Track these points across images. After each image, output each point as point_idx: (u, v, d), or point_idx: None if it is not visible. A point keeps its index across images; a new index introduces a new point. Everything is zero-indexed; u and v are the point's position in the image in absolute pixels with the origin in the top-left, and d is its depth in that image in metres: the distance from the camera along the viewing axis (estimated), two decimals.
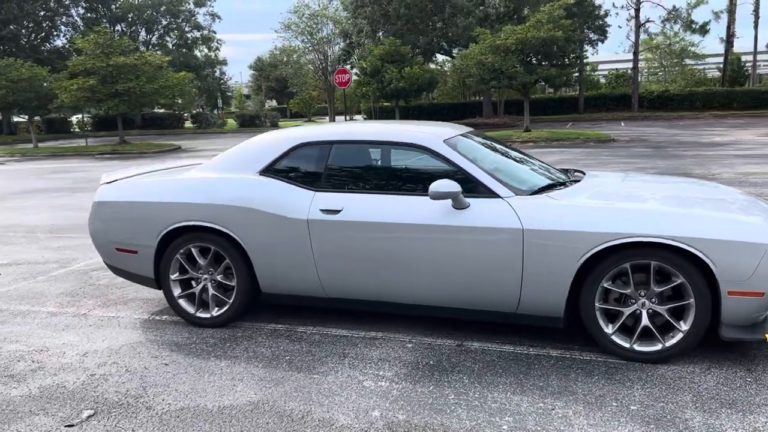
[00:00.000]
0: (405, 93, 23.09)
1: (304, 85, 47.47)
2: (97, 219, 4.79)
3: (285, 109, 58.47)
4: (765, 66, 42.72)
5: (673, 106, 34.83)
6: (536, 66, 20.97)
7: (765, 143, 18.02)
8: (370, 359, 3.89)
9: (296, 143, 4.41)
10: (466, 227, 3.83)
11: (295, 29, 41.95)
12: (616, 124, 30.47)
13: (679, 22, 31.71)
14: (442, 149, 4.08)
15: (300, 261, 4.24)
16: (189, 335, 4.42)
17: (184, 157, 23.00)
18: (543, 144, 20.86)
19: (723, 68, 36.74)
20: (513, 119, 32.93)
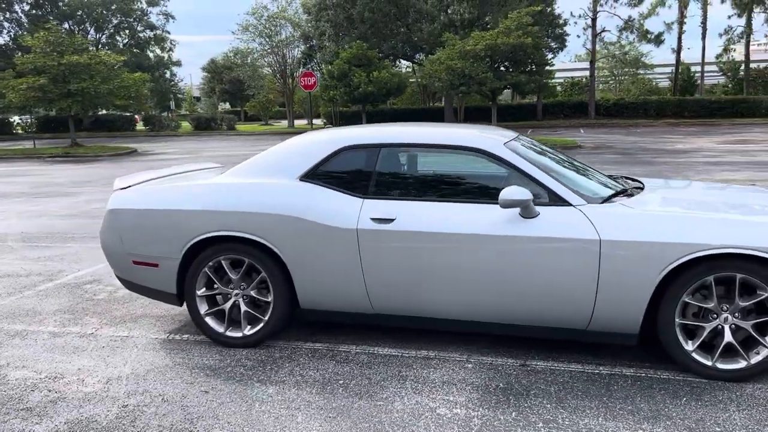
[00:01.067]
0: (374, 97, 22.83)
1: (261, 88, 46.62)
2: (111, 229, 4.32)
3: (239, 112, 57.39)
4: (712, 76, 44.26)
5: (628, 114, 35.65)
6: (505, 72, 21.02)
7: (727, 150, 18.49)
8: (433, 382, 3.58)
9: (341, 146, 4.07)
10: (536, 238, 3.56)
11: (253, 31, 41.15)
12: (575, 130, 30.92)
13: (635, 32, 32.54)
14: (504, 153, 3.81)
15: (346, 274, 3.89)
16: (220, 357, 4.01)
17: (143, 160, 22.12)
18: None
19: (674, 78, 37.84)
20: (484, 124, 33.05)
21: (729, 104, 34.18)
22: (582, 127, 33.61)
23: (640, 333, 3.61)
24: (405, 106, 38.39)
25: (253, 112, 49.26)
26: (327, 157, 4.05)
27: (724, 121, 33.14)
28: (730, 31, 35.90)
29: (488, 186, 3.90)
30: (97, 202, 11.30)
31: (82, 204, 11.11)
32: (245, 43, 43.50)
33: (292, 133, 37.48)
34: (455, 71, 20.74)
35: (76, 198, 12.01)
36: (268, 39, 41.61)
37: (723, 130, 28.33)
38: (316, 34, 34.04)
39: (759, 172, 13.23)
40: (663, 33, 33.34)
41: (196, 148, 27.79)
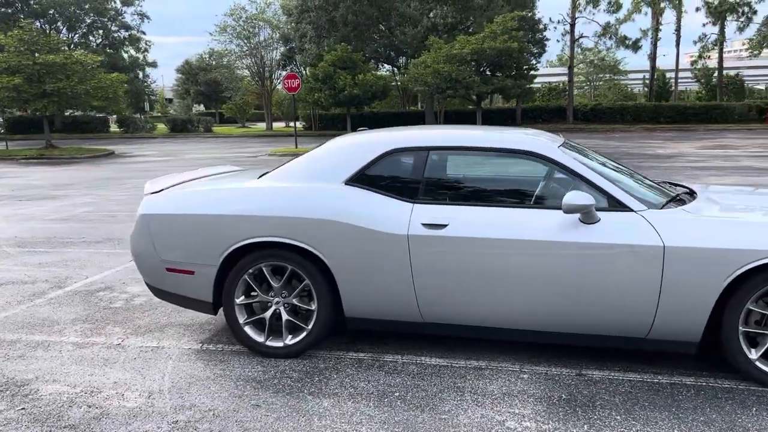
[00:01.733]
0: (359, 100, 22.69)
1: (239, 90, 46.12)
2: (143, 234, 4.12)
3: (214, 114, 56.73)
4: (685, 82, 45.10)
5: (606, 119, 36.10)
6: (491, 77, 21.07)
7: (709, 155, 18.79)
8: (493, 394, 3.46)
9: (388, 149, 3.94)
10: (598, 244, 3.48)
11: (231, 32, 40.67)
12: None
13: (613, 38, 32.99)
14: (561, 157, 3.72)
15: (396, 281, 3.76)
16: (263, 368, 3.85)
17: (123, 162, 21.66)
18: None
19: (650, 84, 38.45)
20: None
21: (703, 110, 34.84)
22: (560, 131, 33.68)
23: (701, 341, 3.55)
24: (385, 110, 38.32)
25: (230, 114, 48.70)
26: (373, 160, 3.92)
27: (699, 126, 33.77)
28: (704, 39, 36.67)
29: (543, 191, 3.81)
30: (84, 205, 10.96)
31: (69, 207, 10.77)
32: (223, 45, 42.96)
33: (270, 136, 37.14)
34: (442, 75, 20.72)
35: (61, 201, 11.65)
36: (246, 40, 41.16)
37: (699, 135, 28.84)
38: (297, 36, 33.79)
39: (746, 177, 13.42)
40: (641, 39, 33.96)
41: (175, 150, 27.36)
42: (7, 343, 4.33)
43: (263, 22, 40.30)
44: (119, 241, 7.68)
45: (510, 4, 30.66)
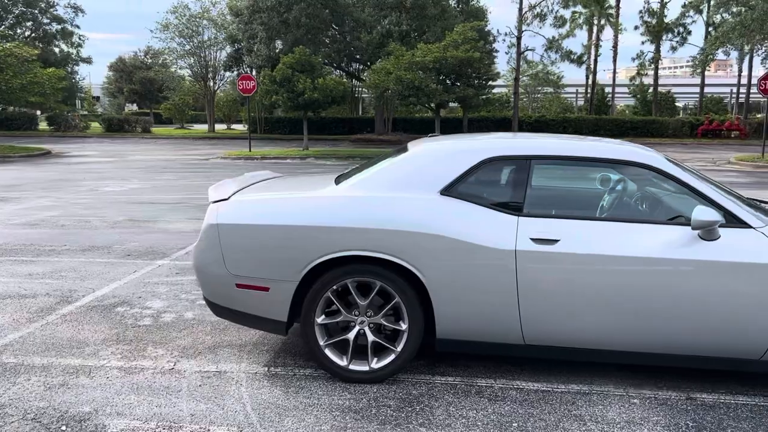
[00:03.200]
0: (318, 104, 22.24)
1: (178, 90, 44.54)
2: (211, 246, 3.69)
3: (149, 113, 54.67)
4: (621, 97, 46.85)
5: (549, 130, 36.91)
6: (452, 86, 21.12)
7: None
8: (615, 422, 3.25)
9: (485, 157, 3.68)
10: (722, 262, 3.33)
11: (173, 30, 39.24)
12: None
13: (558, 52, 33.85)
14: (674, 170, 3.57)
15: (499, 300, 3.50)
16: (352, 396, 3.50)
17: (65, 163, 20.39)
18: None
19: (590, 98, 39.73)
20: (406, 137, 33.10)
21: (641, 124, 36.22)
22: None
23: None
24: (331, 115, 37.91)
25: (168, 114, 46.96)
26: (471, 169, 3.65)
27: (637, 140, 34.99)
28: (642, 56, 38.22)
29: (654, 204, 3.64)
30: (46, 209, 10.12)
31: (30, 211, 9.91)
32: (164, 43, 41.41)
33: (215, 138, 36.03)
34: (404, 82, 20.59)
35: (17, 204, 10.72)
36: (189, 39, 39.85)
37: None
38: (245, 37, 32.95)
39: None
40: (584, 54, 35.01)
41: (118, 151, 26.03)
42: (40, 369, 3.80)
43: (207, 21, 39.13)
44: (108, 250, 7.06)
45: (463, 14, 30.97)
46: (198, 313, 4.90)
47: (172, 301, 5.18)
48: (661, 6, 36.81)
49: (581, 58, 34.55)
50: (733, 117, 37.60)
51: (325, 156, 22.42)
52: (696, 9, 33.92)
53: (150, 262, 6.53)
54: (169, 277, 5.92)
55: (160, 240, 7.63)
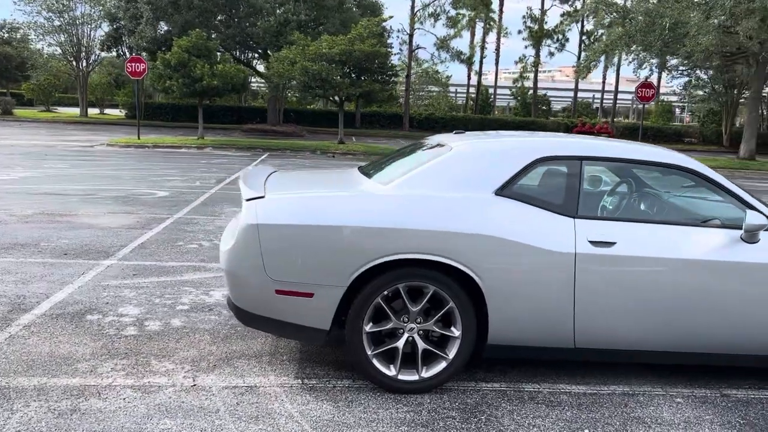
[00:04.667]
0: (217, 91, 21.18)
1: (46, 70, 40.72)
2: (249, 249, 3.31)
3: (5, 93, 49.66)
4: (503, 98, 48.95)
5: (438, 128, 37.82)
6: (358, 79, 20.97)
7: None
8: (674, 423, 3.29)
9: (537, 156, 3.59)
10: (764, 264, 3.48)
11: (40, 3, 35.77)
12: (395, 141, 31.94)
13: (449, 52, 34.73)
14: (711, 174, 3.67)
15: (555, 304, 3.44)
16: (410, 408, 3.28)
17: None
18: (362, 157, 20.86)
19: (476, 98, 41.22)
20: (301, 128, 32.55)
21: (523, 125, 38.08)
22: (399, 138, 34.87)
23: None
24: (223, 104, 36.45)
25: (31, 95, 42.86)
26: (523, 169, 3.55)
27: None
28: (524, 60, 40.19)
29: (698, 207, 3.73)
30: None
31: None
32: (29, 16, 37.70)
33: (90, 123, 33.40)
34: (310, 73, 20.16)
35: None
36: (59, 15, 36.58)
37: None
38: (126, 15, 30.82)
39: None
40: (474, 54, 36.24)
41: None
42: (34, 392, 3.23)
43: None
44: (37, 248, 6.25)
45: (360, 8, 30.90)
46: (185, 320, 4.43)
47: (148, 307, 4.65)
48: (541, 13, 38.88)
49: (471, 58, 35.71)
50: (601, 120, 40.55)
51: (224, 146, 21.46)
52: (573, 18, 36.14)
53: (95, 262, 5.84)
54: (128, 280, 5.32)
55: (91, 237, 6.86)
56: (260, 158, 18.49)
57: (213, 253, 6.41)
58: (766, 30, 19.90)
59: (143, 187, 10.99)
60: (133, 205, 9.00)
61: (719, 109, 38.11)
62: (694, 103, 39.17)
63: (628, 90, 42.95)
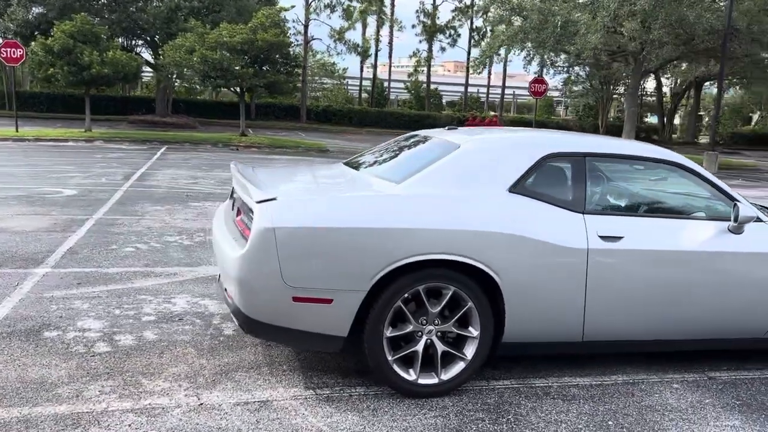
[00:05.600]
0: (108, 80, 19.77)
1: None
2: (265, 254, 3.06)
3: None
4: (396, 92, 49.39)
5: (336, 120, 37.71)
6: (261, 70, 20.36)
7: None
8: (682, 409, 3.43)
9: (545, 153, 3.60)
10: (753, 253, 3.72)
11: None
12: (294, 133, 31.44)
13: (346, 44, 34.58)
14: (697, 168, 3.85)
15: (568, 299, 3.48)
16: (436, 413, 3.20)
17: None
18: (267, 150, 20.35)
19: (371, 91, 41.34)
20: (192, 120, 31.18)
21: (418, 118, 38.67)
22: (297, 130, 34.36)
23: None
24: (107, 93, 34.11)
25: None
26: (533, 166, 3.55)
27: None
28: (417, 54, 40.81)
29: (687, 201, 3.90)
30: None
31: None
32: None
33: None
34: (211, 62, 19.33)
35: None
36: None
37: None
38: None
39: None
40: (369, 47, 36.26)
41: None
42: (22, 425, 2.83)
43: None
44: None
45: None
46: (159, 332, 4.07)
47: (110, 320, 4.23)
48: (433, 8, 39.64)
49: (367, 51, 35.77)
50: (491, 114, 42.07)
51: (115, 139, 20.08)
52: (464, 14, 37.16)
53: (25, 271, 5.25)
54: (74, 290, 4.82)
55: (8, 243, 6.17)
56: (159, 152, 17.50)
57: (155, 256, 5.96)
58: (645, 31, 21.43)
59: (46, 185, 10.05)
60: (43, 206, 8.20)
61: (595, 104, 40.73)
62: (572, 98, 41.55)
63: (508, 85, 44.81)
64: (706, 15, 20.23)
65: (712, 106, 39.97)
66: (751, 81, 31.38)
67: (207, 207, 8.87)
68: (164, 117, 30.95)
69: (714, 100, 49.01)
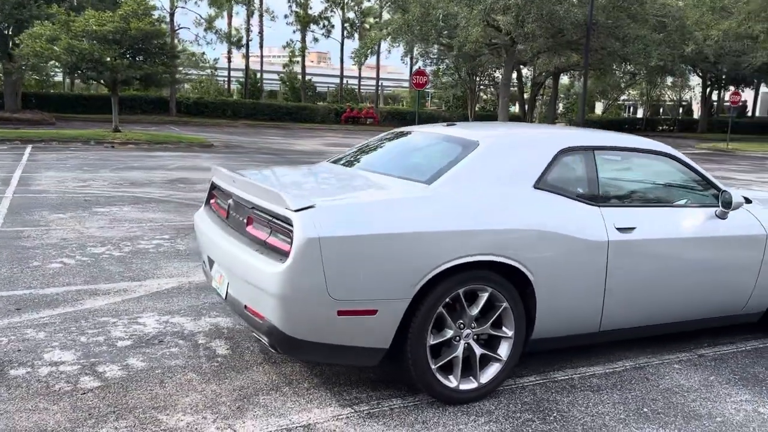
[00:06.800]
0: None
1: None
2: (311, 266, 2.79)
3: None
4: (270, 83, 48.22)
5: (208, 113, 36.18)
6: (136, 61, 19.00)
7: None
8: (694, 388, 3.60)
9: (560, 148, 3.61)
10: (741, 236, 4.00)
11: None
12: (165, 127, 29.75)
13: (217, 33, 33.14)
14: (685, 158, 4.05)
15: (591, 292, 3.53)
16: (487, 418, 3.11)
17: None
18: (147, 147, 19.00)
19: (245, 83, 40.09)
20: (49, 116, 28.54)
21: (295, 110, 38.13)
22: (169, 124, 32.56)
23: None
24: None
25: None
26: (552, 161, 3.55)
27: (293, 125, 36.77)
28: (291, 45, 40.08)
29: (678, 189, 4.07)
30: None
31: None
32: None
33: None
34: (78, 53, 17.72)
35: None
36: None
37: (304, 133, 31.43)
38: None
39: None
40: (242, 37, 35.01)
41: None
42: None
43: None
44: None
45: None
46: (144, 359, 3.64)
47: (81, 349, 3.72)
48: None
49: (240, 41, 34.57)
50: (367, 105, 42.39)
51: None
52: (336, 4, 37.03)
53: None
54: (17, 317, 4.20)
55: None
56: (26, 152, 15.81)
57: (91, 272, 5.34)
58: (519, 25, 22.54)
59: None
60: None
61: (462, 95, 42.29)
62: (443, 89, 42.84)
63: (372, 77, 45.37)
64: (574, 10, 21.62)
65: (562, 95, 43.05)
66: (605, 72, 34.07)
67: (117, 213, 8.11)
68: (15, 113, 28.08)
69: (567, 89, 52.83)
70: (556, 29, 23.43)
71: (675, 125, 47.02)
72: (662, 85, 48.23)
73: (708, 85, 44.32)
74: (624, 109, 60.05)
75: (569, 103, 52.29)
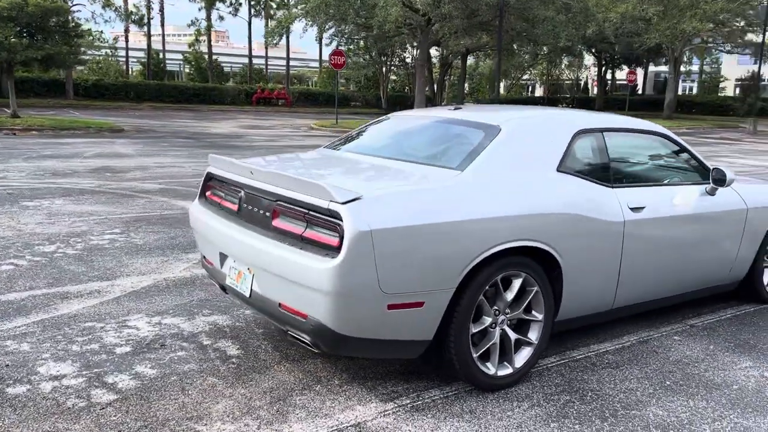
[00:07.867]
0: None
1: None
2: (363, 260, 2.66)
3: None
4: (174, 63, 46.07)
5: (109, 96, 34.22)
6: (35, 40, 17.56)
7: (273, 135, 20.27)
8: (701, 359, 3.77)
9: (576, 130, 3.64)
10: (731, 210, 4.22)
11: None
12: (63, 111, 27.80)
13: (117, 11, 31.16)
14: (677, 138, 4.21)
15: (608, 272, 3.61)
16: (532, 402, 3.11)
17: None
18: (52, 134, 17.69)
19: (147, 63, 38.08)
20: None
21: (202, 91, 36.74)
22: (67, 107, 30.47)
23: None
24: None
25: None
26: (569, 144, 3.58)
27: (201, 106, 35.42)
28: (197, 23, 38.42)
29: (676, 168, 4.22)
30: None
31: None
32: None
33: None
34: None
35: None
36: None
37: (215, 115, 30.33)
38: None
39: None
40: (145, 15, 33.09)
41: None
42: None
43: None
44: None
45: None
46: (154, 366, 3.38)
47: (78, 360, 3.40)
48: None
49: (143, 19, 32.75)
50: (279, 86, 41.49)
51: None
52: None
53: None
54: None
55: None
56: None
57: (50, 273, 4.90)
58: (435, 5, 22.68)
59: None
60: None
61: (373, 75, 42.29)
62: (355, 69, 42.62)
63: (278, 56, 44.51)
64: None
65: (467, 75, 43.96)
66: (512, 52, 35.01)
67: (50, 206, 7.49)
68: None
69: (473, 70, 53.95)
70: (470, 10, 23.77)
71: (573, 103, 49.15)
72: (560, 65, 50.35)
73: (603, 65, 46.59)
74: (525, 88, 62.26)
75: (474, 83, 53.57)
